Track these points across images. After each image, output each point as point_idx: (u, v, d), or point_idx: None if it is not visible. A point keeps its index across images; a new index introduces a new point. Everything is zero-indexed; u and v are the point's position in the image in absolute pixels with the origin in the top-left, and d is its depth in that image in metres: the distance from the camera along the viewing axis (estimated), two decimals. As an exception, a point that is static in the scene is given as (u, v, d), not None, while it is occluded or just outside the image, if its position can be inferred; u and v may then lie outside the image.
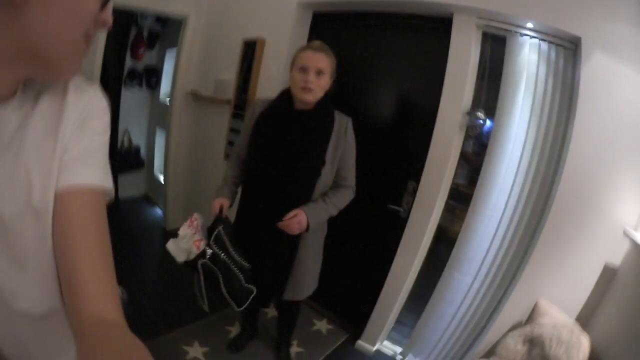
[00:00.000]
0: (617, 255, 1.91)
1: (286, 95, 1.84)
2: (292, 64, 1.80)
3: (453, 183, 2.35)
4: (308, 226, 1.73)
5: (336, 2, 2.62)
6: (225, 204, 1.80)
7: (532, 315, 2.02)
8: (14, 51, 0.50)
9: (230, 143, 3.23)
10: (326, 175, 1.78)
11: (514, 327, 2.07)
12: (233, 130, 3.20)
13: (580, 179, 1.92)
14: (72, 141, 0.59)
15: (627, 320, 1.69)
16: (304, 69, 1.73)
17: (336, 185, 1.85)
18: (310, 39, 2.87)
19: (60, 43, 0.52)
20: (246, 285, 1.71)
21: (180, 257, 1.67)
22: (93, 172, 0.60)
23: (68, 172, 0.58)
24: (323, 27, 2.87)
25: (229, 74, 3.28)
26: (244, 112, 3.09)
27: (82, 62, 0.59)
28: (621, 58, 1.83)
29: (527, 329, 1.94)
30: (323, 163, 1.75)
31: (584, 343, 1.78)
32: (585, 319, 1.95)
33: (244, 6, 3.20)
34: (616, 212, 1.89)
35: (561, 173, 1.96)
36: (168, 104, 3.97)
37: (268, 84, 2.93)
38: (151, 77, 4.71)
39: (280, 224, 1.72)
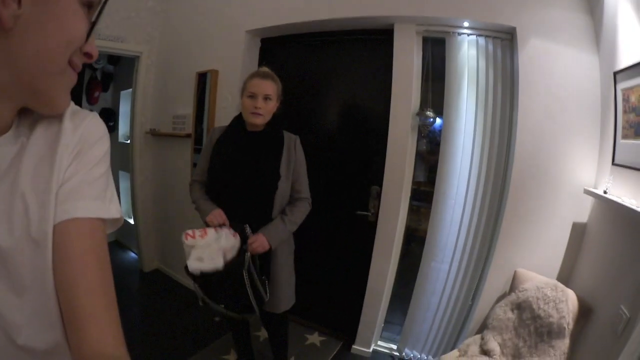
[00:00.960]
0: (582, 213, 2.18)
1: (238, 120, 2.06)
2: (242, 90, 2.01)
3: (414, 183, 2.59)
4: (270, 246, 1.90)
5: (281, 26, 2.86)
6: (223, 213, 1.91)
7: (513, 284, 2.24)
8: (4, 80, 0.52)
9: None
10: (283, 188, 1.97)
11: (500, 299, 2.29)
12: (196, 166, 3.35)
13: (533, 153, 2.20)
14: (70, 171, 0.60)
15: (606, 265, 1.90)
16: (252, 96, 1.95)
17: (292, 199, 2.06)
18: (260, 65, 3.09)
19: (48, 70, 0.54)
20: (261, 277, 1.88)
21: (219, 262, 1.67)
22: (91, 204, 0.61)
23: (66, 204, 0.58)
24: (272, 52, 3.11)
25: (186, 109, 3.47)
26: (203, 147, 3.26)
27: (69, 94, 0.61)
28: (555, 39, 2.14)
29: (512, 296, 2.14)
30: (279, 177, 1.95)
31: (571, 295, 1.98)
32: (566, 277, 2.19)
33: (194, 40, 3.41)
34: (574, 176, 2.17)
35: (513, 151, 2.24)
36: (128, 142, 4.10)
37: (225, 114, 3.13)
38: (109, 120, 4.84)
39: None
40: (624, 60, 1.83)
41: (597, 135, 2.11)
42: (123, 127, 4.78)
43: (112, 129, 4.89)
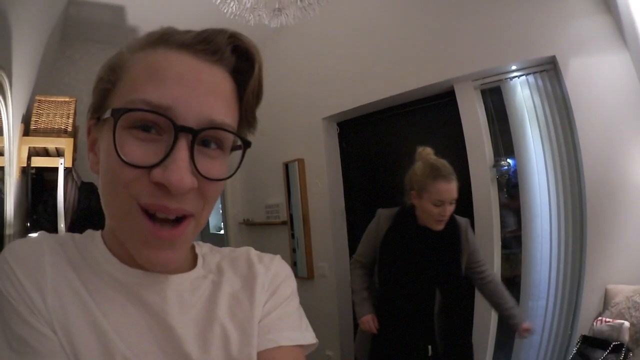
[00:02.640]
0: None
1: (409, 212, 2.14)
2: (419, 190, 2.02)
3: (502, 232, 2.87)
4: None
5: (353, 108, 3.42)
6: (374, 320, 2.13)
7: (606, 302, 2.36)
8: None
9: (294, 264, 3.87)
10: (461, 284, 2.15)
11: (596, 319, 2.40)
12: (294, 251, 3.88)
13: (599, 168, 2.39)
14: (268, 307, 0.69)
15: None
16: (440, 203, 1.95)
17: (482, 282, 2.19)
18: (341, 147, 3.66)
19: (110, 216, 0.58)
20: None
21: None
22: (293, 334, 0.68)
23: (270, 334, 0.66)
24: (349, 132, 3.66)
25: (278, 198, 4.05)
26: (295, 230, 3.83)
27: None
28: (589, 50, 2.41)
29: (606, 314, 2.26)
30: (460, 275, 2.10)
31: None
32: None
33: (274, 130, 4.02)
34: (637, 175, 2.32)
35: (583, 173, 2.45)
36: (220, 233, 4.67)
37: (317, 200, 3.66)
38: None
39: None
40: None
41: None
42: (213, 219, 5.45)
43: (203, 222, 5.58)
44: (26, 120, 2.48)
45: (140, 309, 0.58)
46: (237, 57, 0.59)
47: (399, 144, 3.34)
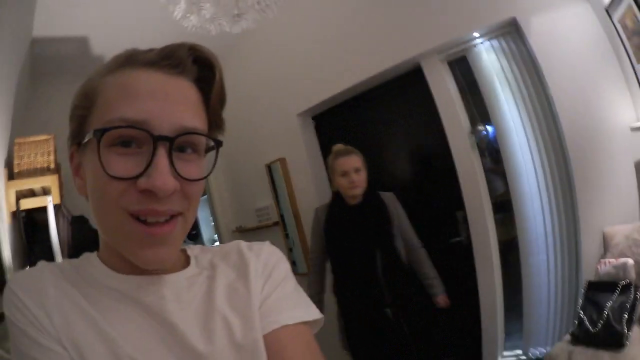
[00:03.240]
0: (638, 150, 2.37)
1: (337, 198, 2.52)
2: (332, 172, 2.47)
3: (494, 197, 2.95)
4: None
5: (325, 100, 3.47)
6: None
7: (606, 244, 2.44)
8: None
9: (293, 263, 3.92)
10: (399, 245, 2.43)
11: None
12: (291, 250, 3.94)
13: (577, 118, 2.47)
14: (266, 291, 0.71)
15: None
16: (344, 173, 2.38)
17: (408, 251, 2.49)
18: (321, 142, 3.72)
19: (103, 227, 0.63)
20: None
21: None
22: (295, 312, 0.69)
23: (271, 316, 0.67)
24: (326, 125, 3.72)
25: (266, 200, 4.09)
26: (288, 229, 3.89)
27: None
28: (548, 6, 2.48)
29: (609, 256, 2.33)
30: (393, 236, 2.40)
31: None
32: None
33: (251, 136, 4.07)
34: (617, 120, 2.40)
35: (560, 124, 2.53)
36: (215, 245, 4.68)
37: (305, 196, 3.71)
38: (192, 228, 5.53)
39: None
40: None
41: (620, 73, 2.37)
42: (206, 232, 5.46)
43: (196, 236, 5.58)
44: (9, 164, 2.51)
45: (142, 312, 0.61)
46: (198, 66, 0.64)
47: (377, 129, 3.40)
